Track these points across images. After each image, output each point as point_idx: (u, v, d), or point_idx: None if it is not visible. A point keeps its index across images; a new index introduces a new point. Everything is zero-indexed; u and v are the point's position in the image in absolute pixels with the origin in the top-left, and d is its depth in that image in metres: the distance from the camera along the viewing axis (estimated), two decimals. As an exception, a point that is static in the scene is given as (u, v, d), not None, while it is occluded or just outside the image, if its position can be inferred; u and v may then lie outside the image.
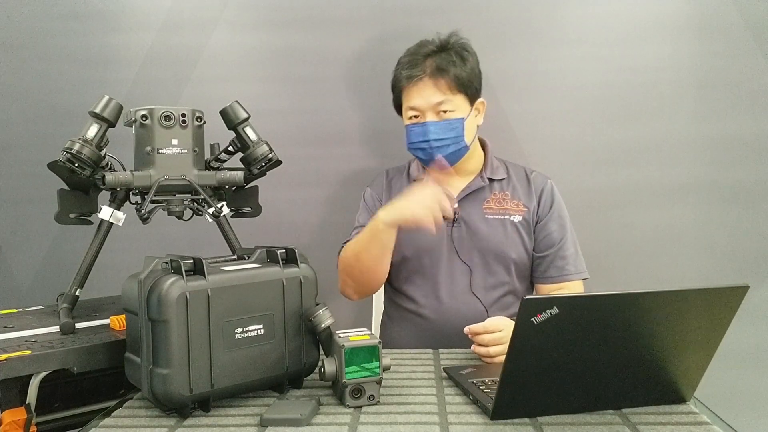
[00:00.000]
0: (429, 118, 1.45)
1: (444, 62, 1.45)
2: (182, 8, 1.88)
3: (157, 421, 0.98)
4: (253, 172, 1.38)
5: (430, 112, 1.45)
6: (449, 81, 1.44)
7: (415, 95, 1.46)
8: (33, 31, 1.89)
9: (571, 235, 1.53)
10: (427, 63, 1.46)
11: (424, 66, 1.46)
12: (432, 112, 1.45)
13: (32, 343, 1.09)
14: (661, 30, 1.81)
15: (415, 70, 1.46)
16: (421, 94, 1.45)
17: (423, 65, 1.46)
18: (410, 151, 1.52)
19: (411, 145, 1.49)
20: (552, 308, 0.85)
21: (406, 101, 1.50)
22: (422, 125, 1.46)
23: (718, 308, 0.93)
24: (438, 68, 1.45)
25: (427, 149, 1.46)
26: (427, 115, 1.46)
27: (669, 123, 1.82)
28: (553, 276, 1.50)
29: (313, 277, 1.11)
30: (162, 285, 0.95)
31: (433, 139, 1.45)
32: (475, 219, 1.50)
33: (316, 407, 0.99)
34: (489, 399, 0.97)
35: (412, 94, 1.47)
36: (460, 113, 1.47)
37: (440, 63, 1.45)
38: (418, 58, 1.47)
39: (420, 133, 1.46)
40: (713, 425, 0.91)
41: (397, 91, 1.53)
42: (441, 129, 1.45)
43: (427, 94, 1.45)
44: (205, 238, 1.53)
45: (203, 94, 1.84)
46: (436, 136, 1.45)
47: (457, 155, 1.49)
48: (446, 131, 1.45)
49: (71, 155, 1.20)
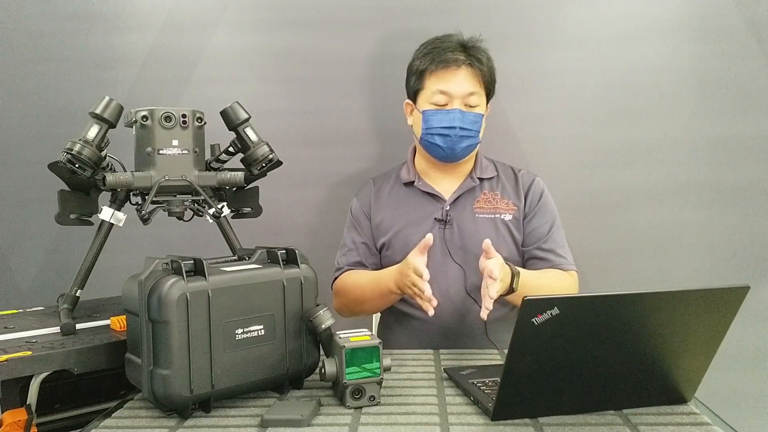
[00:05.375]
0: (456, 107, 1.45)
1: (479, 55, 1.48)
2: (183, 9, 1.88)
3: (158, 421, 0.98)
4: (253, 173, 1.38)
5: (459, 101, 1.45)
6: (482, 75, 1.47)
7: (451, 80, 1.45)
8: (34, 31, 1.89)
9: (559, 230, 1.52)
10: (464, 53, 1.47)
11: (461, 54, 1.46)
12: (461, 101, 1.46)
13: (33, 344, 1.10)
14: (661, 30, 1.81)
15: (454, 55, 1.45)
16: (457, 81, 1.45)
17: (460, 54, 1.46)
18: (426, 138, 1.48)
19: (430, 131, 1.46)
20: (552, 309, 0.85)
21: (435, 85, 1.46)
22: (448, 112, 1.45)
23: (719, 309, 0.93)
24: (477, 59, 1.47)
25: (451, 136, 1.45)
26: (454, 103, 1.46)
27: (669, 123, 1.82)
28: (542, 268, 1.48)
29: (313, 278, 1.11)
30: (162, 286, 0.95)
31: (459, 127, 1.44)
32: (467, 220, 1.49)
33: (316, 408, 0.99)
34: (489, 399, 0.97)
35: (448, 78, 1.45)
36: (482, 109, 1.49)
37: (476, 55, 1.47)
38: (452, 46, 1.47)
39: (446, 119, 1.45)
40: (714, 426, 0.91)
41: (423, 75, 1.49)
42: (467, 119, 1.45)
43: (463, 82, 1.45)
44: (206, 239, 1.53)
45: (204, 95, 1.84)
46: (462, 125, 1.45)
47: (471, 149, 1.50)
48: (471, 123, 1.46)
49: (72, 156, 1.20)
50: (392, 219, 1.53)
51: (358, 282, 1.49)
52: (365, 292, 1.46)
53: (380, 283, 1.40)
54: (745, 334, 1.74)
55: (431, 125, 1.46)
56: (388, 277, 1.38)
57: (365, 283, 1.47)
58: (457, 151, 1.46)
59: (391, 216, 1.54)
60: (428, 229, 1.48)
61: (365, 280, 1.47)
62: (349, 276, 1.52)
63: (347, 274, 1.52)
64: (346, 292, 1.51)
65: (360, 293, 1.48)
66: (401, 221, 1.52)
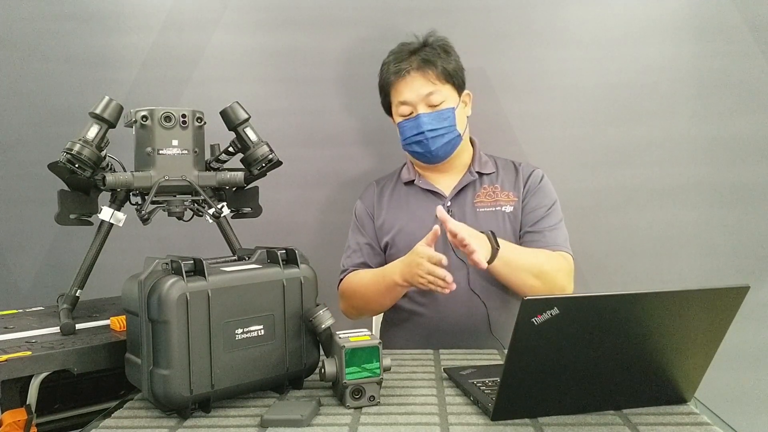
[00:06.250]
0: (420, 111, 1.48)
1: (429, 55, 1.49)
2: (183, 9, 1.88)
3: (158, 421, 0.98)
4: (253, 173, 1.38)
5: (422, 105, 1.48)
6: (436, 72, 1.48)
7: (405, 89, 1.49)
8: (33, 31, 1.89)
9: (556, 214, 1.51)
10: (413, 58, 1.49)
11: (410, 61, 1.49)
12: (423, 104, 1.48)
13: (33, 344, 1.09)
14: (661, 30, 1.81)
15: (402, 65, 1.49)
16: (411, 87, 1.48)
17: (409, 60, 1.49)
18: (405, 148, 1.53)
19: (406, 141, 1.51)
20: (552, 309, 0.85)
21: (396, 97, 1.52)
22: (415, 119, 1.48)
23: (719, 309, 0.92)
24: (424, 60, 1.48)
25: (423, 141, 1.48)
26: (418, 108, 1.48)
27: (669, 123, 1.82)
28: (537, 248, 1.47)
29: (313, 278, 1.11)
30: (162, 286, 0.95)
31: (427, 130, 1.47)
32: (468, 214, 1.50)
33: (316, 408, 0.99)
34: (489, 399, 0.97)
35: (402, 89, 1.49)
36: (450, 103, 1.49)
37: (426, 56, 1.49)
38: (403, 55, 1.51)
39: (413, 126, 1.48)
40: (714, 426, 0.91)
41: (386, 89, 1.55)
42: (434, 119, 1.47)
43: (417, 86, 1.47)
44: (206, 239, 1.53)
45: (203, 95, 1.84)
46: (430, 127, 1.47)
47: (452, 145, 1.50)
48: (439, 121, 1.47)
49: (71, 156, 1.20)
50: (395, 218, 1.55)
51: (362, 281, 1.49)
52: (370, 289, 1.46)
53: (385, 277, 1.40)
54: (745, 334, 1.74)
55: (405, 135, 1.51)
56: (392, 270, 1.38)
57: (370, 280, 1.47)
58: (435, 152, 1.49)
59: (394, 215, 1.55)
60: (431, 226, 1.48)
61: (369, 277, 1.48)
62: (354, 276, 1.52)
63: (352, 275, 1.53)
64: (352, 292, 1.51)
65: (365, 291, 1.48)
66: (404, 219, 1.53)
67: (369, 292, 1.47)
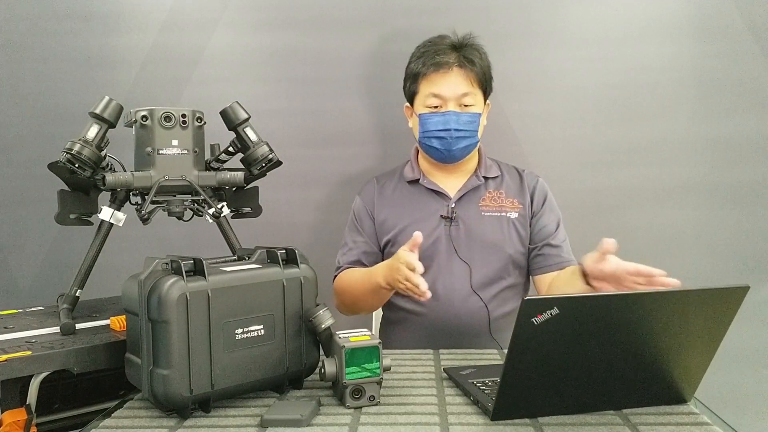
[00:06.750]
0: (451, 108, 1.47)
1: (471, 55, 1.48)
2: (183, 9, 1.88)
3: (158, 421, 0.98)
4: (253, 173, 1.38)
5: (453, 102, 1.47)
6: (475, 74, 1.47)
7: (443, 83, 1.47)
8: (33, 31, 1.89)
9: (562, 227, 1.55)
10: (455, 54, 1.48)
11: (452, 56, 1.47)
12: (454, 102, 1.47)
13: (32, 344, 1.09)
14: (661, 30, 1.81)
15: (444, 57, 1.46)
16: (449, 83, 1.47)
17: (451, 55, 1.47)
18: (423, 140, 1.50)
19: (427, 134, 1.49)
20: (552, 308, 0.85)
21: (428, 88, 1.49)
22: (443, 114, 1.47)
23: (719, 309, 0.92)
24: (467, 59, 1.47)
25: (447, 138, 1.46)
26: (449, 105, 1.47)
27: (669, 123, 1.82)
28: (551, 264, 1.50)
29: (313, 278, 1.11)
30: (162, 286, 0.95)
31: (454, 129, 1.46)
32: (472, 217, 1.50)
33: (316, 408, 0.99)
34: (489, 399, 0.97)
35: (439, 82, 1.47)
36: (478, 108, 1.50)
37: (468, 55, 1.48)
38: (444, 48, 1.48)
39: (440, 122, 1.47)
40: (714, 426, 0.91)
41: (417, 78, 1.50)
42: (463, 120, 1.46)
43: (455, 84, 1.46)
44: (206, 239, 1.53)
45: (203, 95, 1.84)
46: (458, 126, 1.46)
47: (470, 149, 1.51)
48: (467, 123, 1.47)
49: (71, 156, 1.20)
50: (397, 216, 1.54)
51: (352, 279, 1.50)
52: (358, 289, 1.46)
53: (371, 279, 1.40)
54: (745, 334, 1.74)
55: (427, 128, 1.48)
56: (377, 272, 1.37)
57: (358, 280, 1.47)
58: (454, 152, 1.48)
59: (396, 213, 1.54)
60: (434, 226, 1.49)
61: (358, 277, 1.47)
62: (346, 274, 1.53)
63: (345, 273, 1.53)
64: (342, 290, 1.52)
65: (353, 291, 1.48)
66: (407, 218, 1.52)
67: (357, 292, 1.47)
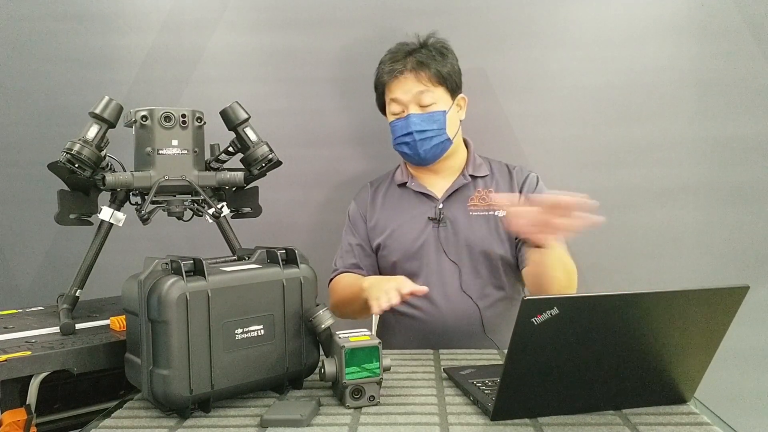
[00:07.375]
0: (411, 111, 1.48)
1: (424, 57, 1.49)
2: (182, 9, 1.88)
3: (158, 421, 0.98)
4: (253, 173, 1.38)
5: (413, 104, 1.48)
6: (429, 74, 1.48)
7: (397, 88, 1.50)
8: (33, 31, 1.89)
9: None
10: (408, 59, 1.50)
11: (405, 61, 1.50)
12: (414, 104, 1.48)
13: (32, 344, 1.10)
14: (661, 31, 1.81)
15: (396, 65, 1.50)
16: (402, 87, 1.49)
17: (404, 61, 1.50)
18: (396, 147, 1.54)
19: (396, 140, 1.52)
20: (552, 308, 0.85)
21: (388, 95, 1.53)
22: (405, 118, 1.49)
23: (719, 309, 0.92)
24: (419, 62, 1.49)
25: (411, 142, 1.48)
26: (409, 108, 1.49)
27: (669, 123, 1.82)
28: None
29: (313, 278, 1.11)
30: (162, 286, 0.95)
31: (416, 131, 1.47)
32: (460, 217, 1.50)
33: (316, 408, 0.99)
34: (489, 399, 0.97)
35: (394, 88, 1.50)
36: (442, 106, 1.49)
37: (420, 58, 1.49)
38: (398, 55, 1.52)
39: (403, 126, 1.49)
40: (713, 426, 0.91)
41: (381, 88, 1.56)
42: (423, 121, 1.47)
43: (409, 86, 1.48)
44: (205, 239, 1.53)
45: (203, 95, 1.84)
46: (419, 128, 1.47)
47: (441, 148, 1.50)
48: (428, 123, 1.47)
49: (71, 156, 1.20)
50: (387, 220, 1.55)
51: (342, 284, 1.52)
52: (346, 293, 1.48)
53: (357, 282, 1.40)
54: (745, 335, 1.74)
55: (395, 135, 1.52)
56: (364, 279, 1.39)
57: (347, 285, 1.49)
58: (422, 154, 1.49)
59: (387, 217, 1.56)
60: (422, 227, 1.49)
61: (348, 282, 1.49)
62: (340, 278, 1.54)
63: (340, 277, 1.55)
64: (333, 293, 1.54)
65: (342, 295, 1.50)
66: (396, 221, 1.54)
67: (345, 297, 1.48)
